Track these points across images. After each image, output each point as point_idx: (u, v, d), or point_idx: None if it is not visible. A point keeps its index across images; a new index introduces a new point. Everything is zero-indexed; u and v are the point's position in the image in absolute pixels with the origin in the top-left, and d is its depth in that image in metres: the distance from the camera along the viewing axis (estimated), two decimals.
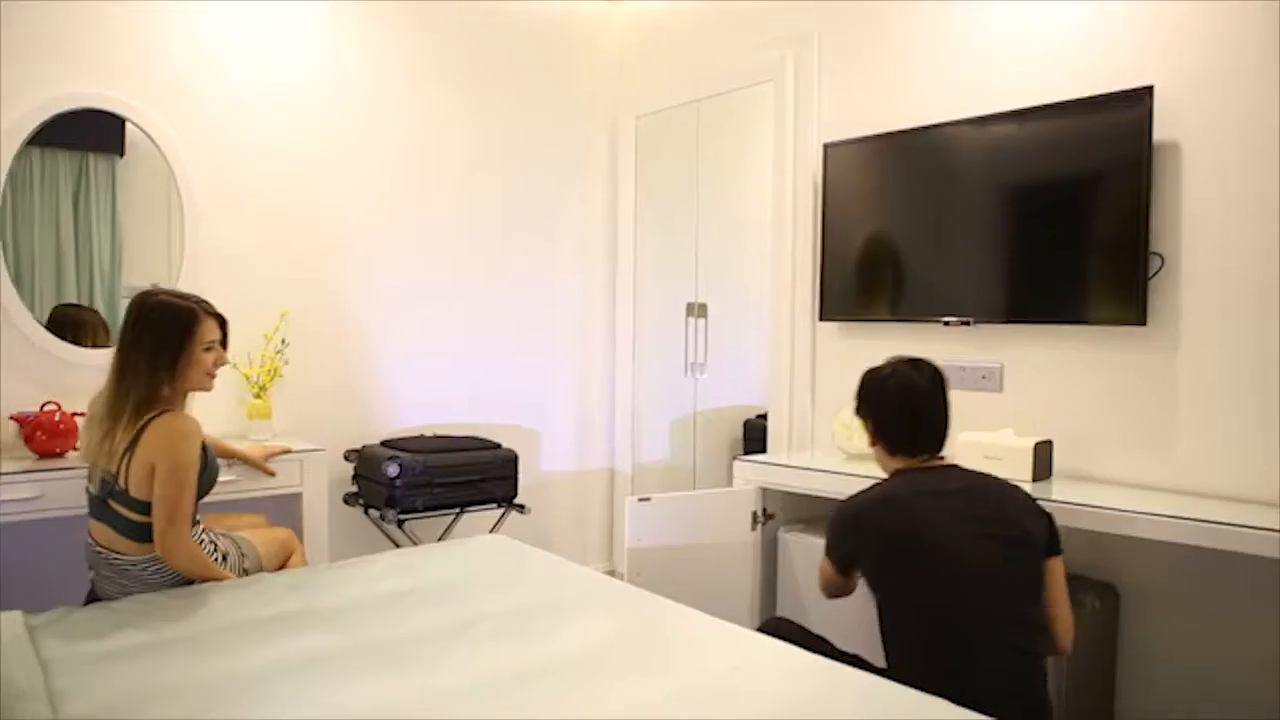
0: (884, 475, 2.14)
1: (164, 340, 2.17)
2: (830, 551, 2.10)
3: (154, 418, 2.14)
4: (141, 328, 2.19)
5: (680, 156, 4.20)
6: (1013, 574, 1.90)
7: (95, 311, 2.98)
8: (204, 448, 2.24)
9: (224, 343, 2.32)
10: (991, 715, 1.47)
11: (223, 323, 2.31)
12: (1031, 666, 1.88)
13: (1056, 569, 1.98)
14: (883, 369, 2.14)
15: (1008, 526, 1.93)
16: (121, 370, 2.17)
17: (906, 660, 1.92)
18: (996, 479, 2.04)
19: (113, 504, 2.16)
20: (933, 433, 2.06)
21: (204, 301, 2.27)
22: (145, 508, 2.13)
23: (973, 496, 1.97)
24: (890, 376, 2.10)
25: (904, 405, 2.06)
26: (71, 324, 2.93)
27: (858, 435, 2.80)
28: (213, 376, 2.28)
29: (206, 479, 2.27)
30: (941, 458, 2.09)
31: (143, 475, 2.12)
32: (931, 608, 1.89)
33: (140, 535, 2.16)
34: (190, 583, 2.19)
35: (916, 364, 2.11)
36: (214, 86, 3.15)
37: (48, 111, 2.81)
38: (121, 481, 2.13)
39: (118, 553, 2.18)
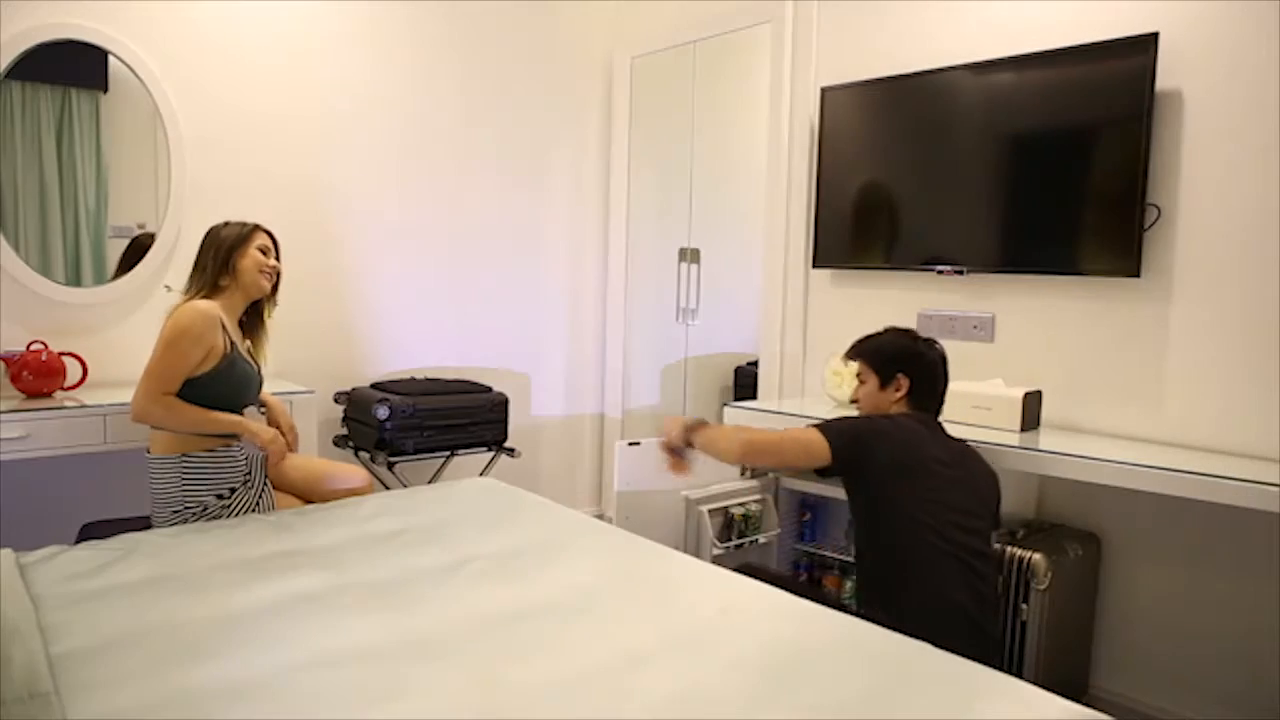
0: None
1: (223, 242, 2.45)
2: (836, 430, 2.13)
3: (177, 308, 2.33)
4: (208, 240, 2.47)
5: (676, 99, 4.14)
6: (983, 518, 2.11)
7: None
8: (233, 346, 2.36)
9: (276, 257, 2.55)
10: (955, 640, 1.59)
11: (275, 240, 2.55)
12: (994, 599, 2.04)
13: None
14: (916, 337, 2.31)
15: (982, 484, 2.16)
16: (192, 275, 2.44)
17: (885, 574, 2.05)
18: (976, 451, 2.27)
19: None
20: (944, 401, 2.32)
21: (260, 224, 2.54)
22: None
23: (960, 453, 2.18)
24: (930, 349, 2.29)
25: (943, 377, 2.29)
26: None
27: (847, 383, 2.81)
28: (265, 276, 2.48)
29: (234, 379, 2.36)
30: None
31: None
32: (921, 525, 2.01)
33: None
34: (205, 509, 2.21)
35: (939, 344, 2.33)
36: (198, 20, 3.07)
37: (28, 41, 2.74)
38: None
39: (148, 451, 2.36)
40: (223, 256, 2.42)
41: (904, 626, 1.62)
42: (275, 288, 2.56)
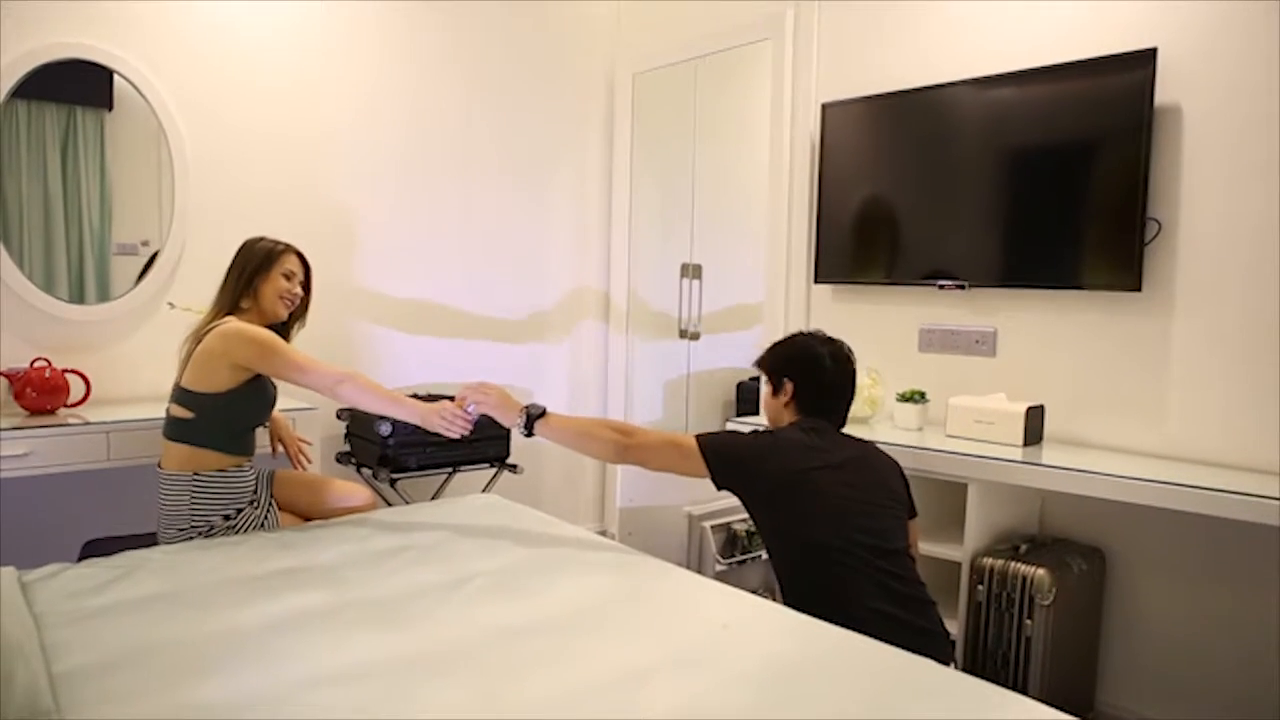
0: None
1: (249, 261, 2.42)
2: (715, 451, 2.07)
3: (220, 324, 2.29)
4: (238, 255, 2.45)
5: (678, 115, 4.16)
6: (893, 515, 2.05)
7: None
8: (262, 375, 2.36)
9: (305, 287, 2.51)
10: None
11: (306, 266, 2.52)
12: (919, 594, 1.97)
13: (913, 529, 2.16)
14: (815, 338, 2.22)
15: (883, 480, 2.10)
16: (219, 292, 2.42)
17: (799, 591, 1.99)
18: (876, 447, 2.19)
19: (169, 407, 2.32)
20: (847, 409, 2.21)
21: (293, 245, 2.50)
22: (189, 399, 2.26)
23: (857, 452, 2.11)
24: (827, 348, 2.19)
25: (836, 378, 2.18)
26: None
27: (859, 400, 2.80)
28: (285, 303, 2.45)
29: (262, 399, 2.39)
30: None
31: (199, 364, 2.25)
32: (817, 544, 1.96)
33: (175, 432, 2.30)
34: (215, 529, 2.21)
35: (838, 342, 2.21)
36: (202, 38, 3.09)
37: (34, 61, 2.76)
38: (180, 378, 2.30)
39: (159, 466, 2.32)
40: (246, 277, 2.40)
41: None
42: (305, 309, 2.55)
